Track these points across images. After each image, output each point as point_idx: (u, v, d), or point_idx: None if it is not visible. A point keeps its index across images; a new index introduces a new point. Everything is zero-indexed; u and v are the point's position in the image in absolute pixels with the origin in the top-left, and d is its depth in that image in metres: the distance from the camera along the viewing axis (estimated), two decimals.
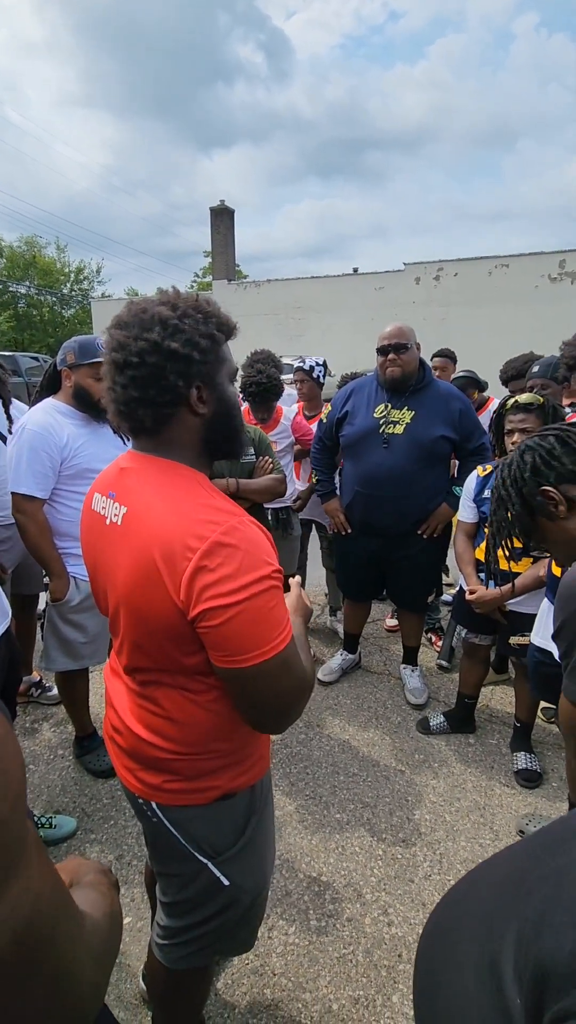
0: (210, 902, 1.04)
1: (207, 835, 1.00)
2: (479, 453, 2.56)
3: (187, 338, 0.87)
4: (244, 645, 0.80)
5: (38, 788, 2.20)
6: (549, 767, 2.34)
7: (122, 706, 1.02)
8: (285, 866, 1.87)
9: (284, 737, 2.51)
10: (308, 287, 18.23)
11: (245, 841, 1.03)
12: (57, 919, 0.46)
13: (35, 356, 14.38)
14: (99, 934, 0.53)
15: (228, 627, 0.79)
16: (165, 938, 1.10)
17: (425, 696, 2.79)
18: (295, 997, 1.49)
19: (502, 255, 15.60)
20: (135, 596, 0.87)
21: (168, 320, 0.87)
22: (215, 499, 0.87)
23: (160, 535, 0.82)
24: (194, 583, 0.79)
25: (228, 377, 0.96)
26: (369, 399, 2.58)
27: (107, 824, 2.04)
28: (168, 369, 0.86)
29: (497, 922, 0.50)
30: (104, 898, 0.60)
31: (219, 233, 20.14)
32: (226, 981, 1.53)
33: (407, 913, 1.71)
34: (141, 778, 1.00)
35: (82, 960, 0.48)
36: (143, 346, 0.86)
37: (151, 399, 0.88)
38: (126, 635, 0.93)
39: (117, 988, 1.51)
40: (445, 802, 2.16)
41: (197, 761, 0.96)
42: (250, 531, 0.84)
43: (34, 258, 29.09)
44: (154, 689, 0.94)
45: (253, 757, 1.02)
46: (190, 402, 0.90)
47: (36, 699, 2.73)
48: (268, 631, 0.81)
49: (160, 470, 0.91)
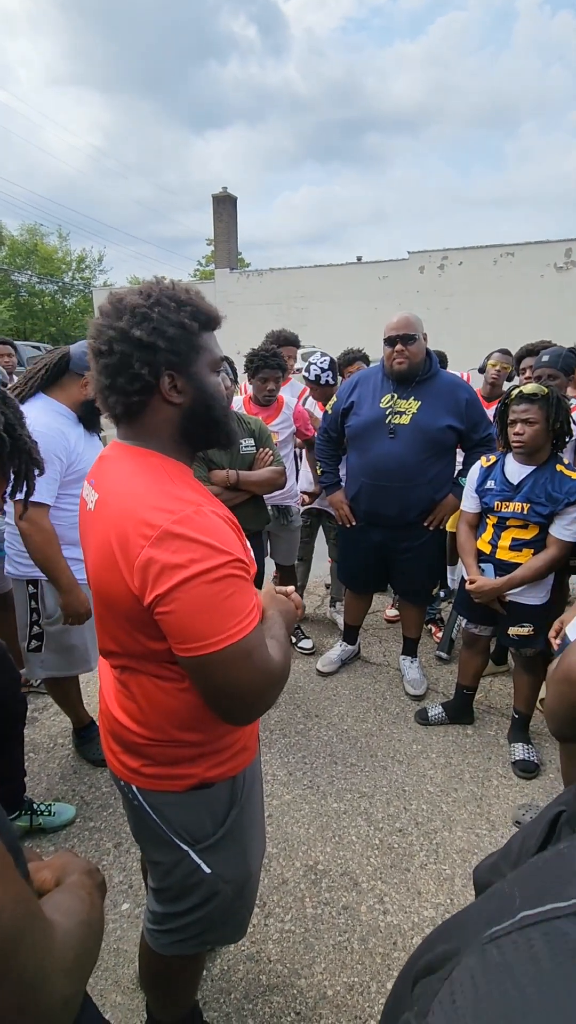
0: (193, 890, 1.04)
1: (184, 822, 1.01)
2: (485, 444, 2.53)
3: (153, 326, 0.86)
4: (198, 632, 0.80)
5: (38, 776, 2.22)
6: (547, 758, 2.35)
7: (107, 689, 1.05)
8: (282, 854, 1.88)
9: (283, 727, 2.52)
10: (311, 276, 18.09)
11: (224, 831, 1.03)
12: (21, 932, 0.45)
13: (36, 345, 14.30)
14: (71, 944, 0.52)
15: (180, 614, 0.79)
16: (154, 923, 1.12)
17: (424, 687, 2.79)
18: (290, 983, 1.51)
19: (507, 243, 15.44)
20: (100, 581, 0.89)
21: (137, 309, 0.87)
22: (177, 488, 0.86)
23: (118, 522, 0.84)
24: (147, 571, 0.79)
25: (208, 367, 0.94)
26: (375, 389, 2.55)
27: (105, 812, 2.05)
28: (135, 357, 0.86)
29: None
30: (82, 903, 0.59)
31: (221, 221, 19.97)
32: (222, 967, 1.55)
33: (403, 902, 1.72)
34: (123, 761, 1.01)
35: (51, 973, 0.47)
36: (112, 334, 0.87)
37: (120, 387, 0.88)
38: (98, 619, 0.96)
39: (115, 973, 1.53)
40: (442, 792, 2.17)
41: (167, 748, 0.96)
42: (207, 520, 0.83)
43: (36, 246, 28.88)
44: (128, 675, 0.96)
45: (232, 749, 1.01)
46: (162, 391, 0.90)
47: (35, 688, 2.74)
48: (222, 619, 0.80)
49: (131, 458, 0.91)
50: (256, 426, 2.44)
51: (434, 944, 0.52)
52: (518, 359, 3.20)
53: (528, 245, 15.21)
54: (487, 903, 0.47)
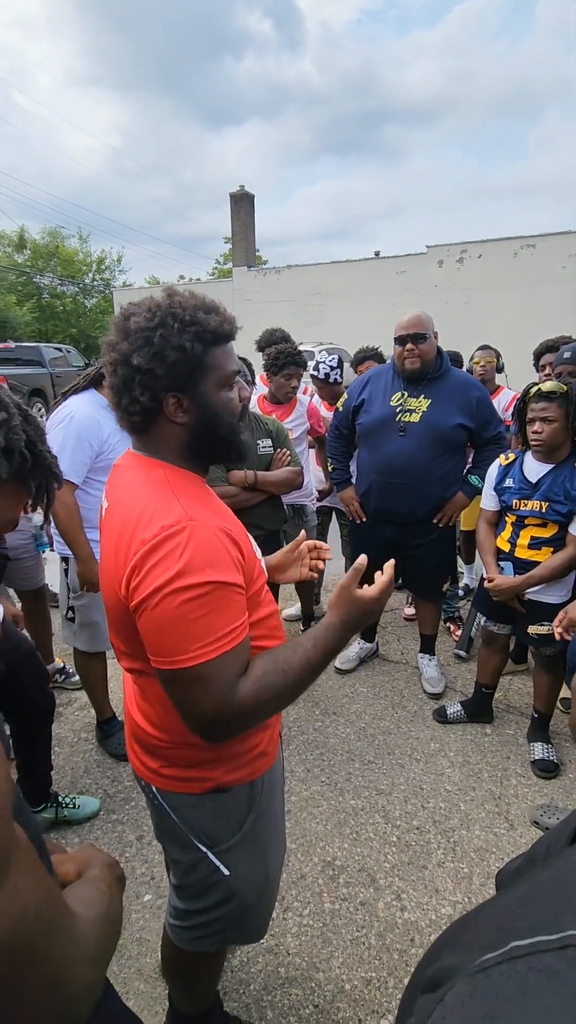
0: (212, 891, 1.05)
1: (203, 824, 1.01)
2: (495, 442, 2.53)
3: (153, 352, 0.86)
4: (162, 647, 0.81)
5: (62, 769, 2.28)
6: (567, 758, 2.33)
7: (128, 689, 1.08)
8: (300, 850, 1.91)
9: (301, 724, 2.55)
10: (328, 272, 18.02)
11: (242, 836, 1.03)
12: (48, 924, 0.47)
13: (58, 346, 14.52)
14: (93, 935, 0.55)
15: (147, 626, 0.82)
16: (175, 919, 1.13)
17: (442, 685, 2.79)
18: (309, 976, 1.53)
19: (528, 235, 15.17)
20: (104, 587, 0.94)
21: (138, 332, 0.86)
22: (180, 501, 0.85)
23: (119, 532, 0.87)
24: (131, 579, 0.82)
25: (217, 384, 0.92)
26: (386, 387, 2.57)
27: (128, 805, 2.10)
28: (136, 382, 0.87)
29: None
30: (102, 896, 0.61)
31: (239, 219, 20.00)
32: (241, 958, 1.58)
33: (420, 899, 1.74)
34: (143, 761, 1.03)
35: (74, 962, 0.50)
36: (115, 357, 0.88)
37: (124, 407, 0.91)
38: (110, 622, 0.99)
39: (138, 962, 1.57)
40: (460, 791, 2.17)
41: (183, 750, 0.97)
42: (197, 538, 0.81)
43: (57, 248, 29.31)
44: (143, 678, 0.97)
45: (250, 754, 1.01)
46: (165, 412, 0.90)
47: (60, 684, 2.81)
48: (184, 640, 0.79)
49: (139, 469, 0.93)
50: (274, 426, 2.46)
51: (439, 954, 0.54)
52: (537, 356, 3.17)
53: (549, 236, 14.92)
54: (494, 915, 0.48)
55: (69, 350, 14.69)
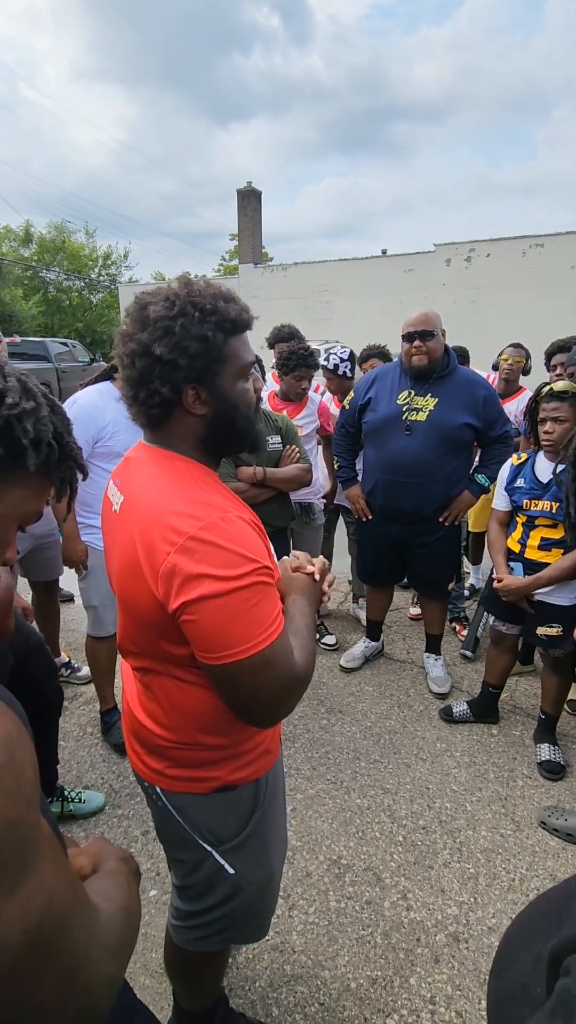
0: (216, 889, 1.04)
1: (208, 823, 1.00)
2: (502, 441, 2.53)
3: (175, 342, 0.84)
4: (223, 642, 0.79)
5: (68, 764, 2.28)
6: (573, 760, 2.32)
7: (130, 690, 1.05)
8: (305, 848, 1.91)
9: (307, 722, 2.54)
10: (335, 270, 17.94)
11: (248, 833, 1.03)
12: (70, 914, 0.47)
13: (64, 341, 14.54)
14: (113, 927, 0.54)
15: (204, 624, 0.78)
16: (178, 919, 1.13)
17: (448, 685, 2.78)
18: (314, 974, 1.53)
19: (537, 234, 15.07)
20: (124, 585, 0.88)
21: (159, 321, 0.84)
22: (205, 493, 0.85)
23: (143, 527, 0.83)
24: (172, 578, 0.78)
25: (234, 375, 0.91)
26: (392, 386, 2.56)
27: (134, 800, 2.10)
28: (155, 374, 0.85)
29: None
30: (121, 889, 0.61)
31: (246, 216, 19.93)
32: (247, 955, 1.58)
33: (426, 899, 1.73)
34: (146, 762, 1.01)
35: (96, 953, 0.49)
36: (133, 348, 0.86)
37: (141, 400, 0.88)
38: (121, 621, 0.96)
39: (143, 957, 1.57)
40: (466, 791, 2.16)
41: (191, 751, 0.96)
42: (234, 527, 0.82)
43: (64, 242, 29.32)
44: (151, 677, 0.95)
45: (256, 751, 1.01)
46: (184, 404, 0.88)
47: (67, 679, 2.81)
48: (247, 629, 0.79)
49: (157, 462, 0.91)
50: (283, 423, 2.46)
51: (554, 926, 0.56)
52: (548, 355, 3.15)
53: (558, 236, 14.82)
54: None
55: (75, 345, 14.71)
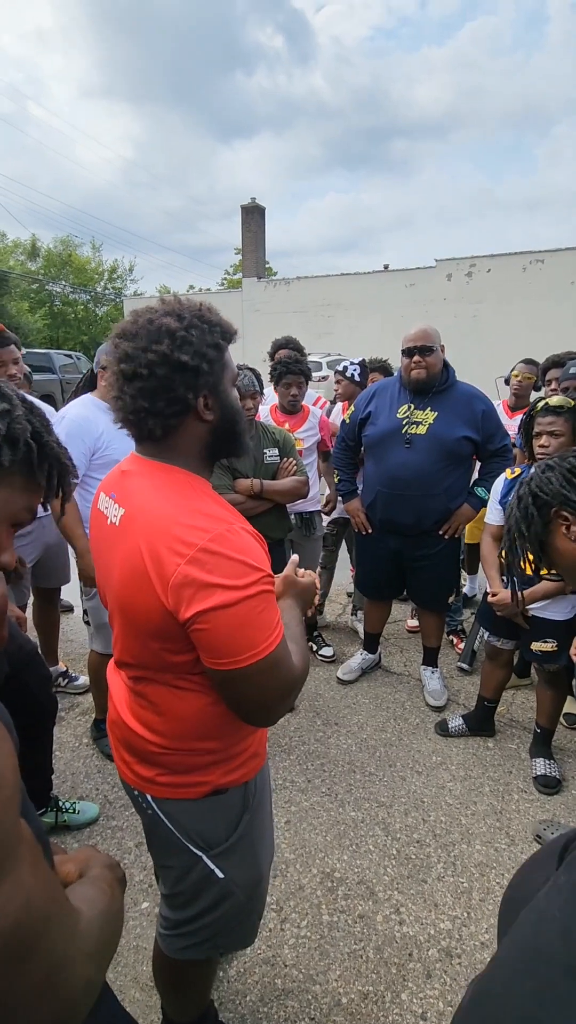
0: (205, 895, 1.05)
1: (199, 829, 1.02)
2: (501, 454, 2.55)
3: (195, 350, 0.88)
4: (233, 648, 0.83)
5: (63, 774, 2.28)
6: (569, 774, 2.31)
7: (120, 699, 1.06)
8: (299, 860, 1.90)
9: (302, 734, 2.54)
10: (338, 284, 18.13)
11: (238, 837, 1.04)
12: (49, 916, 0.48)
13: (69, 353, 14.70)
14: (93, 931, 0.55)
15: (216, 632, 0.82)
16: (166, 928, 1.13)
17: (445, 698, 2.78)
18: (305, 989, 1.52)
19: (537, 250, 15.24)
20: (126, 597, 0.90)
21: (176, 332, 0.87)
22: (209, 505, 0.89)
23: (150, 540, 0.84)
24: (183, 589, 0.81)
25: (230, 383, 0.98)
26: (392, 400, 2.59)
27: (128, 811, 2.10)
28: (177, 381, 0.87)
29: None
30: (103, 895, 0.62)
31: (250, 231, 20.20)
32: (238, 969, 1.57)
33: (419, 913, 1.72)
34: (136, 771, 1.02)
35: (75, 956, 0.50)
36: (152, 358, 0.86)
37: (159, 410, 0.89)
38: (119, 632, 0.98)
39: (134, 969, 1.56)
40: (461, 805, 2.15)
41: (185, 757, 0.98)
42: (239, 539, 0.85)
43: (70, 257, 29.73)
44: (145, 685, 0.97)
45: (246, 754, 1.04)
46: (198, 411, 0.92)
47: (63, 688, 2.81)
48: (256, 634, 0.83)
49: (158, 475, 0.93)
50: (281, 436, 2.49)
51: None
52: (544, 371, 3.18)
53: (559, 252, 14.98)
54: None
55: (79, 357, 14.88)
